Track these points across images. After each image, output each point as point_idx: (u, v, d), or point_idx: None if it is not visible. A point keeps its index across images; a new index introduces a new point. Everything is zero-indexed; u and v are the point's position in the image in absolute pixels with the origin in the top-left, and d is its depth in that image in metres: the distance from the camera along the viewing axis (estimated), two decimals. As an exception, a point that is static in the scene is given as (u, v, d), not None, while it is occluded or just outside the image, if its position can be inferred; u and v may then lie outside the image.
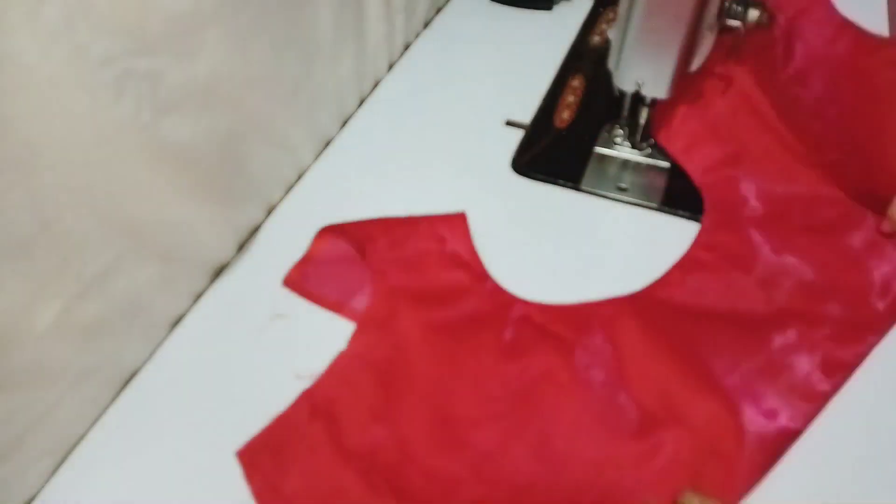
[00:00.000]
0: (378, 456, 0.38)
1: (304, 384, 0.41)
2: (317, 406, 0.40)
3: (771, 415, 0.38)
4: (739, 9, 0.47)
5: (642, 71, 0.48)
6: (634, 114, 0.53)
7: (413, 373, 0.41)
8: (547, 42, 0.70)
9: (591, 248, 0.50)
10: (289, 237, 0.51)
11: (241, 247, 0.51)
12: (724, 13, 0.47)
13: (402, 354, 0.42)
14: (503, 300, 0.45)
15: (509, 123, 0.60)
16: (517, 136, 0.59)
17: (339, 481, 0.37)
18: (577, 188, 0.53)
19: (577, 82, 0.64)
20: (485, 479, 0.37)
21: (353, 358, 0.42)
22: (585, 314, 0.44)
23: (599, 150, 0.56)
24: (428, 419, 0.39)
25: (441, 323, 0.43)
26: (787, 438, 0.37)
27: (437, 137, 0.59)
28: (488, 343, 0.42)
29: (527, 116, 0.60)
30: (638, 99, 0.52)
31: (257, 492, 0.36)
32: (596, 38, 0.70)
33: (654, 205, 0.51)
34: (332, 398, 0.40)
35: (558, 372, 0.41)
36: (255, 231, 0.52)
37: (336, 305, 0.46)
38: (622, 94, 0.52)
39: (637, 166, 0.55)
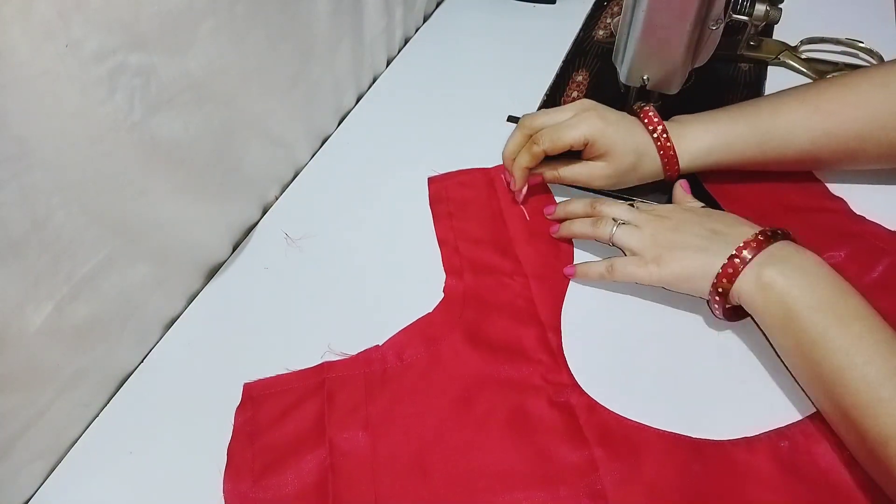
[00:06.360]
0: (344, 460, 0.37)
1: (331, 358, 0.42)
2: (322, 385, 0.40)
3: None
4: (746, 3, 0.47)
5: (648, 66, 0.48)
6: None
7: (423, 402, 0.40)
8: (550, 36, 0.69)
9: (597, 253, 0.48)
10: (284, 237, 0.50)
11: (236, 246, 0.50)
12: (730, 7, 0.46)
13: (425, 381, 0.40)
14: (558, 380, 0.40)
15: (511, 119, 0.59)
16: (519, 132, 0.58)
17: (301, 464, 0.37)
18: (581, 187, 0.52)
19: (581, 77, 0.63)
20: None
21: (380, 360, 0.41)
22: (636, 437, 0.37)
23: (603, 146, 0.55)
24: (414, 453, 0.37)
25: (482, 376, 0.40)
26: None
27: (438, 134, 0.58)
28: (517, 416, 0.39)
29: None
30: (644, 94, 0.51)
31: (236, 427, 0.39)
32: (601, 33, 0.69)
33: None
34: (342, 382, 0.40)
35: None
36: (250, 230, 0.51)
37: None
38: (628, 89, 0.51)
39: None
